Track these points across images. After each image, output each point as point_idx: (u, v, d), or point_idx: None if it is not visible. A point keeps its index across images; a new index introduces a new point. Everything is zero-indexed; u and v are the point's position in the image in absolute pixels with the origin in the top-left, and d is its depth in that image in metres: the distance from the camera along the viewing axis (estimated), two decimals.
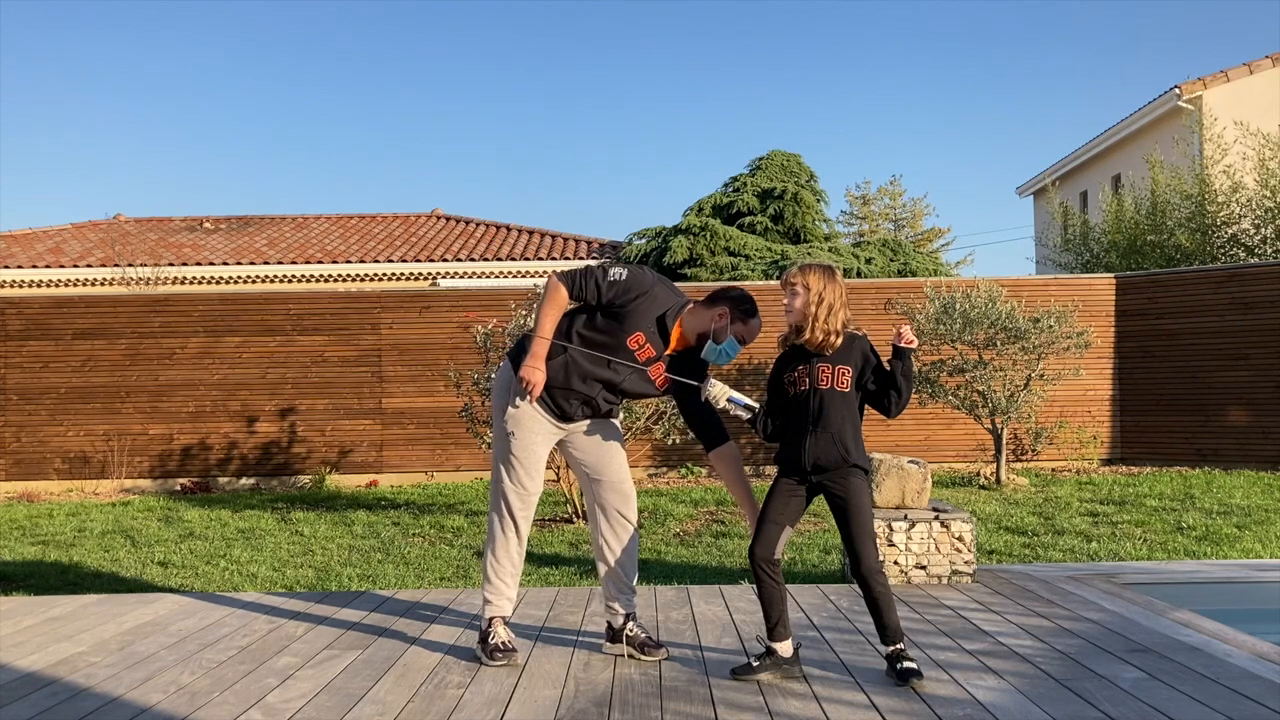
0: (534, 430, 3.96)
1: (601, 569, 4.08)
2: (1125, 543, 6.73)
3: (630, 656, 3.94)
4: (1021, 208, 69.03)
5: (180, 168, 64.63)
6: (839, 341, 3.70)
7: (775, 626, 3.69)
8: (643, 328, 3.86)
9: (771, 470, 10.41)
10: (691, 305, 3.95)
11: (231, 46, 62.47)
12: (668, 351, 3.91)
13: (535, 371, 3.80)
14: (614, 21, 63.93)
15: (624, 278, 3.86)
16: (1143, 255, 14.93)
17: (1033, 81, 62.68)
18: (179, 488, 11.13)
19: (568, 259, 18.77)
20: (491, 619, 4.01)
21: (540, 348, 3.83)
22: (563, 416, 3.98)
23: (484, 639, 3.98)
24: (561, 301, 3.87)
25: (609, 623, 4.06)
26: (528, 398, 3.85)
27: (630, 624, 4.00)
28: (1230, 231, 14.35)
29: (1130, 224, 15.35)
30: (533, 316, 4.46)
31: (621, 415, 4.22)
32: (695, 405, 3.93)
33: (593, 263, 3.97)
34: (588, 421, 4.04)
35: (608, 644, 4.06)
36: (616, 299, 3.85)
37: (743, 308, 3.88)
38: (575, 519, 8.15)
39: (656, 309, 3.87)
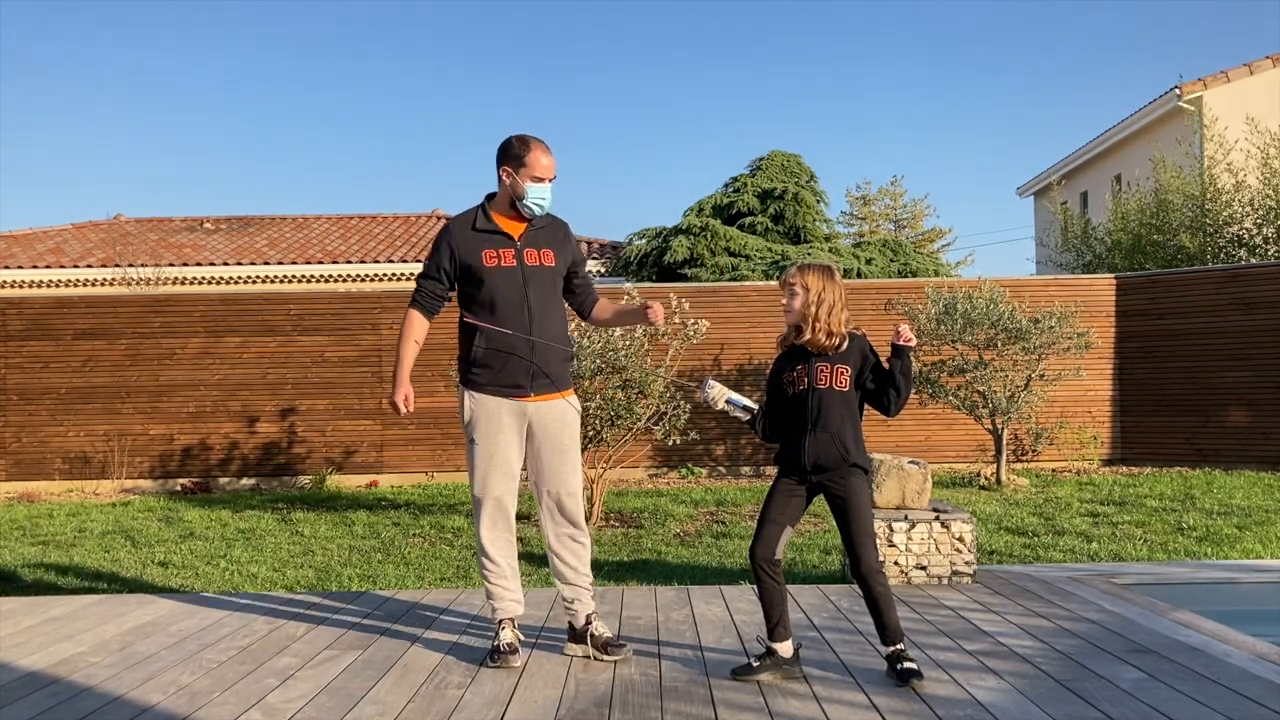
0: (494, 430, 3.94)
1: (552, 569, 4.09)
2: (1125, 543, 6.72)
3: (593, 658, 3.93)
4: (1022, 208, 69.02)
5: (181, 168, 64.70)
6: (841, 343, 3.69)
7: (775, 627, 3.69)
8: (479, 248, 3.92)
9: (771, 470, 10.41)
10: (488, 199, 4.03)
11: (232, 47, 62.52)
12: (516, 237, 3.95)
13: (394, 393, 4.06)
14: (614, 22, 63.97)
15: (430, 254, 4.05)
16: (1146, 255, 14.92)
17: (1033, 81, 62.71)
18: (179, 488, 11.13)
19: None
20: (500, 621, 4.01)
21: (397, 369, 4.09)
22: (515, 387, 3.92)
23: (494, 638, 4.00)
24: (414, 325, 4.09)
25: (570, 623, 4.06)
26: (464, 405, 4.02)
27: (593, 624, 3.99)
28: (1232, 231, 14.35)
29: (1134, 224, 15.35)
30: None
31: (580, 416, 4.17)
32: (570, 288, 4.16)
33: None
34: (549, 413, 3.97)
35: (569, 644, 4.04)
36: (443, 262, 3.97)
37: (512, 155, 3.90)
38: None
39: (465, 227, 3.96)
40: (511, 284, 3.90)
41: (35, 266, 18.22)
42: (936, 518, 5.21)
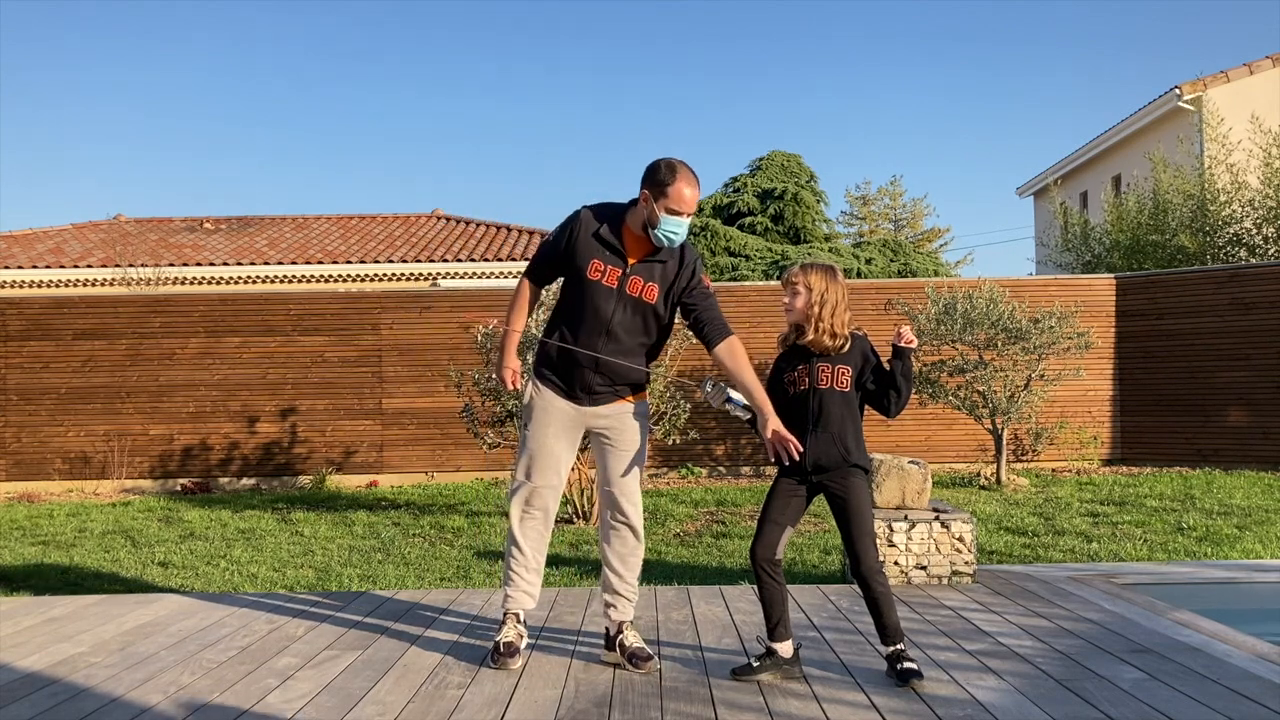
0: (545, 423, 3.91)
1: (601, 575, 4.05)
2: (1125, 543, 6.73)
3: (619, 666, 3.92)
4: (1022, 208, 69.05)
5: (180, 168, 64.69)
6: (843, 344, 3.68)
7: (775, 627, 3.69)
8: (591, 255, 3.81)
9: (771, 470, 10.41)
10: (630, 206, 3.88)
11: (232, 47, 62.51)
12: (631, 261, 3.81)
13: (502, 369, 4.03)
14: (615, 22, 63.97)
15: (555, 228, 3.95)
16: (1145, 255, 14.93)
17: (1033, 81, 62.74)
18: (179, 488, 11.13)
19: None
20: (506, 613, 3.98)
21: (508, 341, 4.04)
22: (571, 395, 3.89)
23: (496, 632, 3.98)
24: (523, 292, 4.03)
25: (606, 629, 4.03)
26: (526, 391, 3.99)
27: (624, 632, 3.94)
28: (1232, 231, 14.36)
29: (1133, 224, 15.36)
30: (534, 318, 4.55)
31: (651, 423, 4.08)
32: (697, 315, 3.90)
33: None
34: (610, 417, 3.90)
35: (605, 651, 4.03)
36: (559, 246, 3.88)
37: (656, 180, 3.71)
38: (575, 519, 8.15)
39: (591, 227, 3.83)
40: (602, 303, 3.79)
41: (35, 266, 18.21)
42: (936, 518, 5.21)
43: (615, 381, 3.87)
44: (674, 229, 3.73)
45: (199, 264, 18.46)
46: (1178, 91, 17.76)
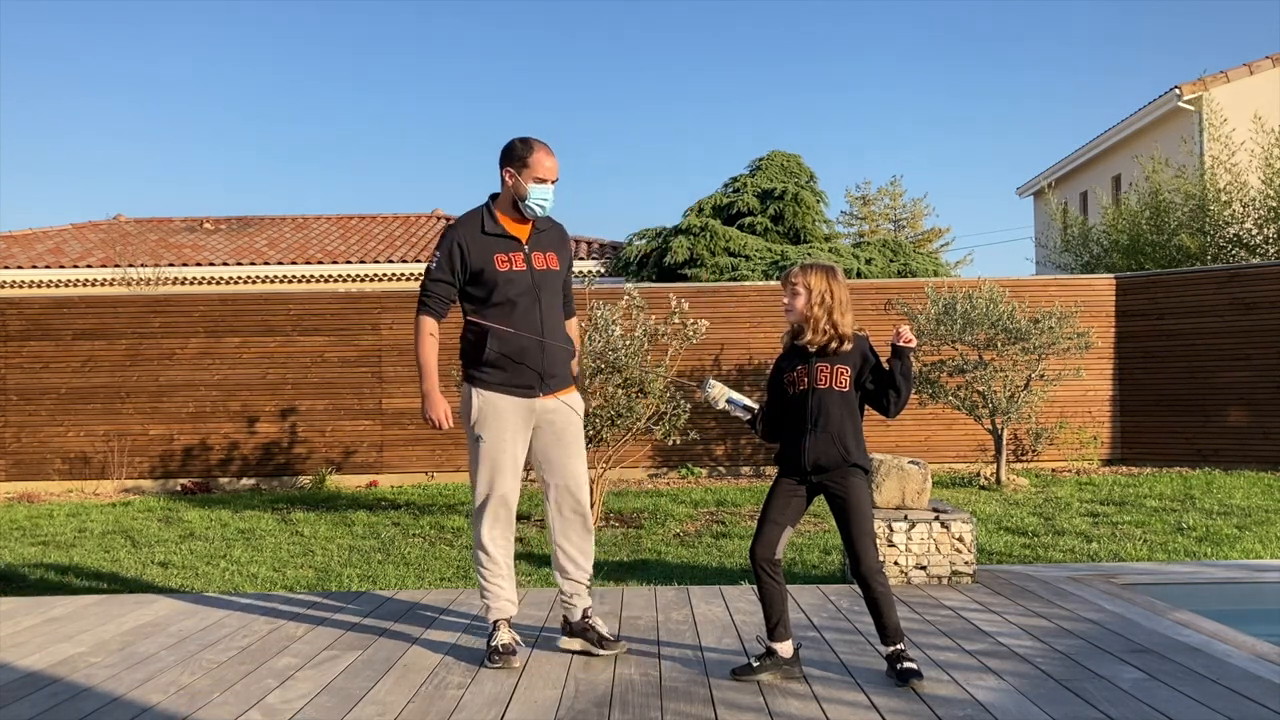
0: (501, 428, 3.95)
1: (554, 563, 4.10)
2: (1125, 543, 6.73)
3: (585, 652, 3.95)
4: (1022, 208, 69.08)
5: (180, 168, 64.70)
6: (845, 346, 3.67)
7: (775, 627, 3.69)
8: (492, 252, 3.94)
9: (771, 470, 10.41)
10: (490, 201, 4.07)
11: (232, 46, 62.54)
12: (524, 240, 3.99)
13: (432, 409, 4.00)
14: (615, 21, 64.00)
15: (437, 249, 4.05)
16: (1144, 255, 14.93)
17: (1033, 81, 62.74)
18: (179, 488, 11.13)
19: None
20: (495, 621, 4.01)
21: (428, 385, 4.02)
22: (527, 388, 3.95)
23: (488, 640, 3.99)
24: (426, 330, 4.07)
25: (565, 617, 4.08)
26: (471, 403, 3.99)
27: (590, 618, 4.03)
28: (1232, 231, 14.36)
29: (1132, 224, 15.35)
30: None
31: (587, 412, 4.24)
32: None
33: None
34: (559, 411, 4.02)
35: (563, 639, 4.06)
36: (455, 268, 3.99)
37: (516, 157, 3.95)
38: None
39: (474, 229, 3.98)
40: (524, 287, 3.94)
41: (35, 266, 18.22)
42: (936, 518, 5.21)
43: (558, 364, 4.00)
44: (543, 196, 3.95)
45: (199, 264, 18.47)
46: (1178, 91, 17.76)
